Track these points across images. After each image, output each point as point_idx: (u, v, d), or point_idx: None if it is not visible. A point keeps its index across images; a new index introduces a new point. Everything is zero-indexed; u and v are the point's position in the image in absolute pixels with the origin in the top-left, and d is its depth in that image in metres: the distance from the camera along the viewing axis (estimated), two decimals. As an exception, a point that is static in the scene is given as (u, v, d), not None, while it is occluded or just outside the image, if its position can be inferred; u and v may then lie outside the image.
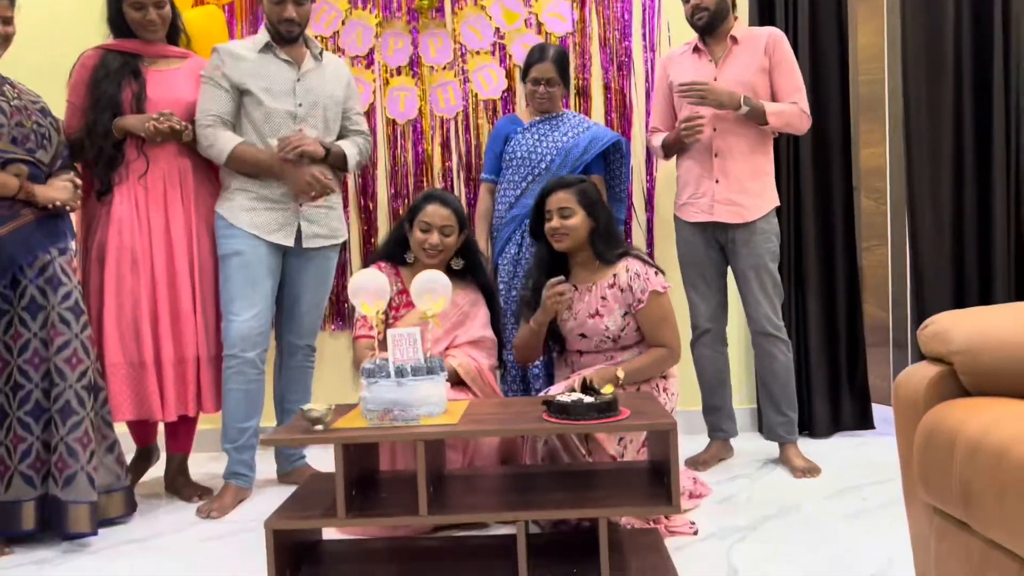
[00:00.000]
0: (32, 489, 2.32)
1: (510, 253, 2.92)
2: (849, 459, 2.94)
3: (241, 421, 2.64)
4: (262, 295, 2.63)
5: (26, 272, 2.31)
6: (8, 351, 2.32)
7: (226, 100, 2.62)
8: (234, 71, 2.62)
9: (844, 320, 3.31)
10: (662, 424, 1.83)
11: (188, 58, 2.75)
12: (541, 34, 3.31)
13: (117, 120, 2.56)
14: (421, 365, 1.96)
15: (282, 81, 2.66)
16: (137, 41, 2.65)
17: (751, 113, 2.67)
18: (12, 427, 2.31)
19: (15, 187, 2.29)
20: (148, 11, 2.60)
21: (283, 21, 2.63)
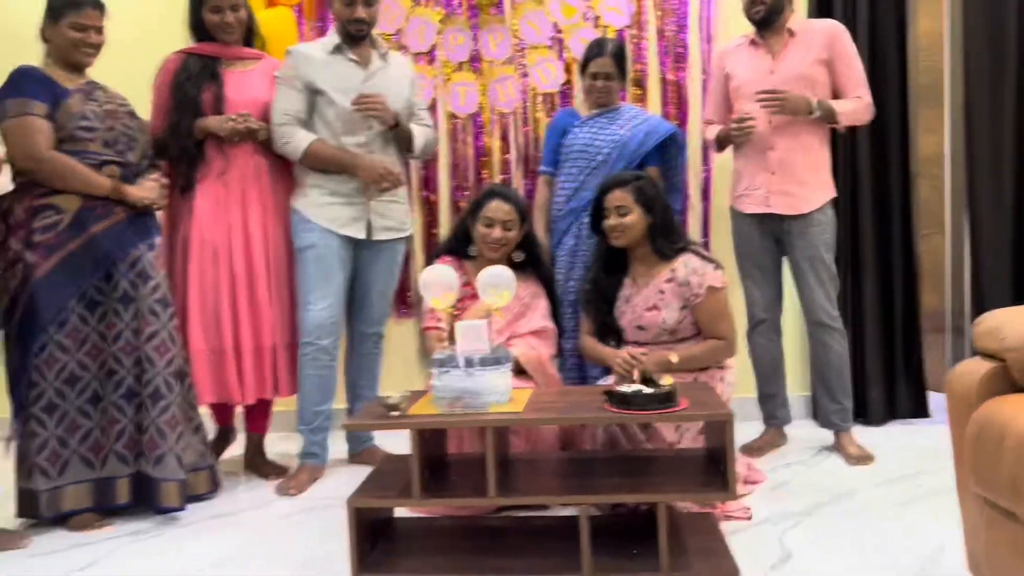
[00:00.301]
0: (125, 467, 2.51)
1: (568, 244, 3.01)
2: (903, 447, 2.98)
3: (316, 404, 2.80)
4: (335, 286, 2.78)
5: (119, 266, 2.48)
6: (103, 340, 2.49)
7: (300, 100, 2.76)
8: (307, 72, 2.75)
9: (900, 308, 3.34)
10: (719, 415, 1.92)
11: (262, 59, 2.89)
12: (598, 27, 3.38)
13: (198, 121, 2.72)
14: (488, 356, 2.07)
15: (351, 80, 2.78)
16: (216, 44, 2.80)
17: (823, 116, 2.72)
18: (107, 410, 2.49)
19: (109, 187, 2.46)
20: (225, 14, 2.75)
21: (352, 21, 2.74)
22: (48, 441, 2.42)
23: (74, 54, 2.48)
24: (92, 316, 2.47)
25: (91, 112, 2.47)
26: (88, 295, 2.46)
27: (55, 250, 2.40)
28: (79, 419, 2.46)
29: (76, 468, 2.46)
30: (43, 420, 2.41)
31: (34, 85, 2.41)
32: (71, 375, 2.44)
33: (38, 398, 2.41)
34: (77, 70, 2.53)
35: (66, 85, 2.47)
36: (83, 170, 2.42)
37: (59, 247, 2.40)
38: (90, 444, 2.48)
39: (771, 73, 2.79)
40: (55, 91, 2.44)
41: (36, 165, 2.39)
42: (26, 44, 2.61)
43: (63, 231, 2.41)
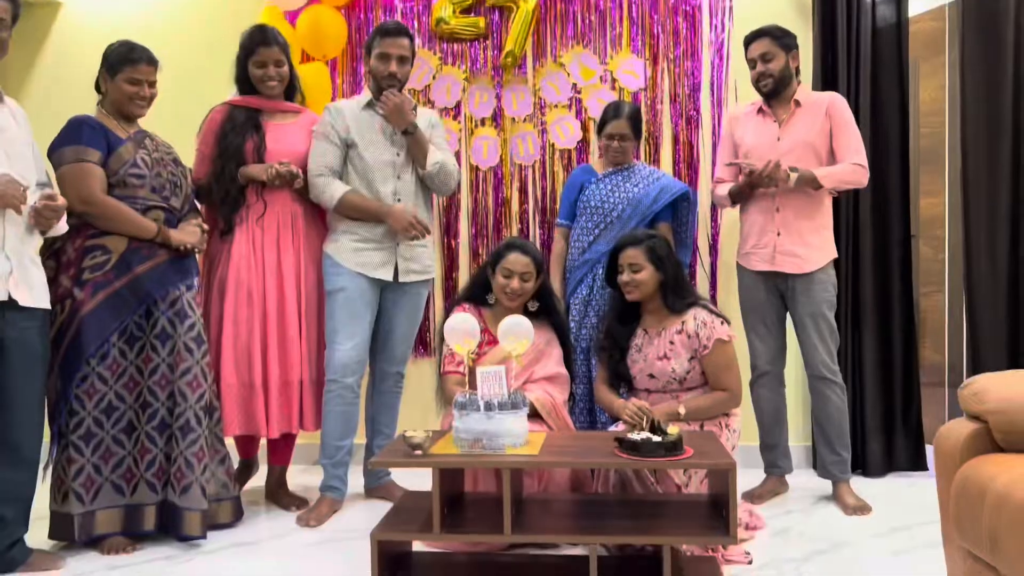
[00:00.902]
0: (154, 494, 2.64)
1: (581, 294, 3.16)
2: (900, 499, 3.09)
3: (338, 439, 2.94)
4: (362, 327, 2.94)
5: (159, 304, 2.63)
6: (140, 373, 2.64)
7: (335, 153, 2.95)
8: (342, 127, 2.95)
9: (900, 363, 3.46)
10: (723, 464, 2.05)
11: (302, 113, 3.09)
12: (615, 90, 3.57)
13: (242, 168, 2.91)
14: (507, 400, 2.22)
15: (382, 135, 2.97)
16: (259, 97, 3.00)
17: (800, 181, 2.87)
18: (140, 440, 2.63)
19: (154, 231, 2.63)
20: (269, 69, 2.95)
21: (386, 76, 2.94)
22: (84, 467, 2.56)
23: (128, 106, 2.67)
24: (131, 350, 2.63)
25: (141, 160, 2.66)
26: (128, 330, 2.61)
27: (101, 287, 2.56)
28: (113, 447, 2.60)
29: (108, 494, 2.60)
30: (80, 447, 2.56)
31: (90, 133, 2.59)
32: (108, 405, 2.59)
33: (77, 426, 2.55)
34: (129, 119, 2.72)
35: (119, 134, 2.66)
36: (132, 214, 2.60)
37: (105, 285, 2.57)
38: (122, 472, 2.62)
39: (778, 140, 2.96)
40: (109, 139, 2.62)
41: (89, 208, 2.56)
42: (81, 92, 2.81)
43: (110, 270, 2.58)
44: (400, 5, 3.64)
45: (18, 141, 2.41)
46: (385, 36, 2.93)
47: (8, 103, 2.43)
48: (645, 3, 3.56)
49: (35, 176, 2.46)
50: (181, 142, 2.93)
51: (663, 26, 3.56)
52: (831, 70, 3.41)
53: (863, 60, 3.38)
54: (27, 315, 2.38)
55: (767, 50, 2.94)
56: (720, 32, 3.54)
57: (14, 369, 2.36)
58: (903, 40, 3.40)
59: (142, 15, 3.76)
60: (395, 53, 2.93)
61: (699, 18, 3.55)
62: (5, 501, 2.36)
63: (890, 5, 3.41)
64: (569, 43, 3.60)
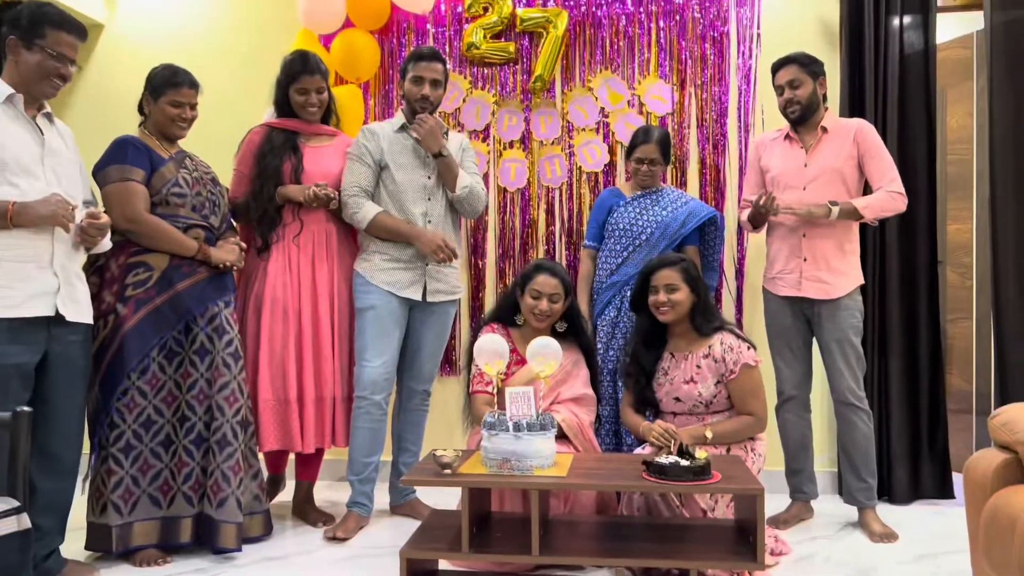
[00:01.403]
0: (190, 507, 2.69)
1: (609, 316, 3.19)
2: (927, 527, 3.07)
3: (366, 456, 2.98)
4: (391, 344, 2.98)
5: (198, 321, 2.70)
6: (178, 387, 2.70)
7: (368, 174, 3.01)
8: (376, 149, 3.01)
9: (926, 389, 3.44)
10: (751, 490, 2.07)
11: (337, 136, 3.17)
12: (642, 114, 3.61)
13: (280, 188, 2.98)
14: (535, 421, 2.25)
15: (414, 157, 3.03)
16: (297, 120, 3.07)
17: (843, 215, 2.89)
18: (178, 453, 2.69)
19: (195, 249, 2.70)
20: (311, 96, 3.03)
21: (419, 99, 3.01)
22: (123, 479, 2.62)
23: (170, 128, 2.75)
24: (170, 365, 2.69)
25: (182, 179, 2.73)
26: (168, 345, 2.68)
27: (144, 304, 2.63)
28: (151, 460, 2.66)
29: (145, 506, 2.65)
30: (120, 460, 2.61)
31: (134, 153, 2.67)
32: (148, 419, 2.65)
33: (117, 439, 2.61)
34: (170, 140, 2.80)
35: (161, 154, 2.74)
36: (174, 232, 2.67)
37: (147, 301, 2.64)
38: (159, 484, 2.67)
39: (805, 167, 2.98)
40: (152, 159, 2.70)
41: (133, 226, 2.64)
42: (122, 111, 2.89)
43: (152, 287, 2.65)
44: (432, 30, 3.72)
45: (67, 161, 2.49)
46: (420, 60, 3.00)
47: (57, 124, 2.51)
48: (673, 29, 3.61)
49: (81, 195, 2.53)
50: (218, 161, 3.01)
51: (691, 52, 3.60)
52: (858, 96, 3.43)
53: (890, 86, 3.39)
54: (71, 330, 2.44)
55: (795, 77, 2.97)
56: (747, 58, 3.58)
57: (58, 382, 2.43)
58: (931, 67, 3.41)
59: (181, 36, 3.87)
60: (429, 76, 2.99)
61: (727, 44, 3.59)
62: (44, 511, 2.41)
63: (918, 32, 3.43)
64: (597, 68, 3.65)
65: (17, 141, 2.33)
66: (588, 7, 3.64)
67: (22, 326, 2.30)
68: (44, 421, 2.41)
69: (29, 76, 2.36)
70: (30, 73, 2.36)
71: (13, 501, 1.84)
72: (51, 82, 2.39)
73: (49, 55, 2.36)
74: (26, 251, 2.32)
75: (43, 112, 2.45)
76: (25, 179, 2.32)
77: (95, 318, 2.58)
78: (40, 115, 2.43)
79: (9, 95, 2.34)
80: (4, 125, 2.31)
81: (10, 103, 2.35)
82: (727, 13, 3.59)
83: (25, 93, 2.37)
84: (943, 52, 3.66)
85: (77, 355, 2.48)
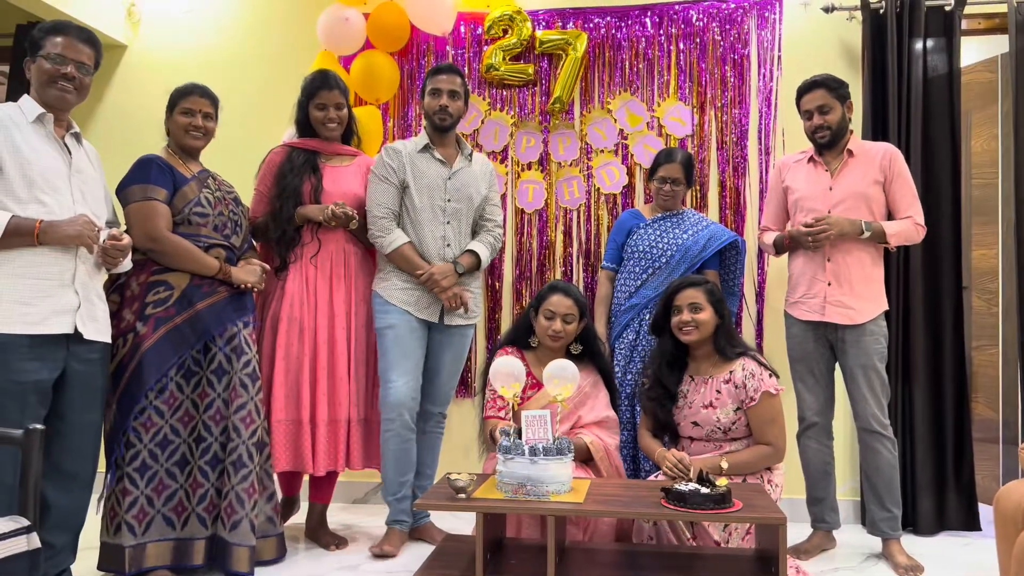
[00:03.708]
0: (204, 529, 2.66)
1: (627, 339, 3.15)
2: (954, 559, 2.98)
3: (400, 476, 2.95)
4: (414, 363, 2.96)
5: (216, 341, 2.68)
6: (195, 407, 2.68)
7: (393, 194, 3.01)
8: (400, 168, 3.01)
9: (951, 418, 3.36)
10: (774, 519, 2.01)
11: (358, 156, 3.17)
12: (662, 136, 3.59)
13: (299, 208, 2.97)
14: (551, 446, 2.21)
15: (435, 178, 3.02)
16: (317, 140, 3.08)
17: (872, 237, 2.86)
18: (193, 473, 2.66)
19: (215, 268, 2.69)
20: (329, 111, 3.04)
21: (437, 111, 3.01)
22: (138, 499, 2.59)
23: (184, 137, 2.76)
24: (187, 385, 2.67)
25: (204, 199, 2.73)
26: (186, 365, 2.66)
27: (163, 323, 2.62)
28: (167, 480, 2.63)
29: (159, 527, 2.62)
30: (135, 479, 2.59)
31: (157, 172, 2.68)
32: (164, 438, 2.63)
33: (133, 458, 2.59)
34: (191, 156, 2.81)
35: (184, 173, 2.74)
36: (196, 251, 2.67)
37: (167, 320, 2.63)
38: (173, 505, 2.64)
39: (830, 190, 2.94)
40: (175, 178, 2.71)
41: (155, 245, 2.64)
42: (143, 131, 2.92)
43: (171, 306, 2.64)
44: (452, 52, 3.73)
45: (92, 180, 2.51)
46: (437, 74, 3.03)
47: (85, 144, 2.54)
48: (693, 52, 3.60)
49: (105, 214, 2.55)
50: (239, 181, 3.01)
51: (711, 74, 3.58)
52: (881, 119, 3.39)
53: (914, 110, 3.35)
54: (90, 348, 2.44)
55: (825, 102, 2.92)
56: (768, 80, 3.56)
57: (75, 400, 2.41)
58: (955, 90, 3.37)
59: (203, 58, 3.90)
60: (446, 88, 3.00)
61: (747, 66, 3.57)
62: (56, 529, 2.39)
63: (942, 55, 3.39)
64: (617, 90, 3.64)
65: (45, 159, 2.35)
66: (608, 29, 3.64)
67: (42, 343, 2.30)
68: (60, 438, 2.40)
69: (37, 86, 2.39)
70: (37, 82, 2.39)
71: (23, 520, 1.82)
72: (56, 85, 2.39)
73: (46, 58, 2.38)
74: (49, 268, 2.32)
75: (71, 132, 2.47)
76: (52, 196, 2.34)
77: (114, 336, 2.58)
78: (68, 135, 2.46)
79: (40, 114, 2.37)
80: (33, 143, 2.34)
81: (39, 122, 2.38)
82: (748, 35, 3.57)
83: (44, 107, 2.39)
84: (967, 75, 3.63)
85: (95, 373, 2.47)
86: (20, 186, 2.29)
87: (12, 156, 2.29)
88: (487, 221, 3.16)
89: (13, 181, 2.29)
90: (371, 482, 3.69)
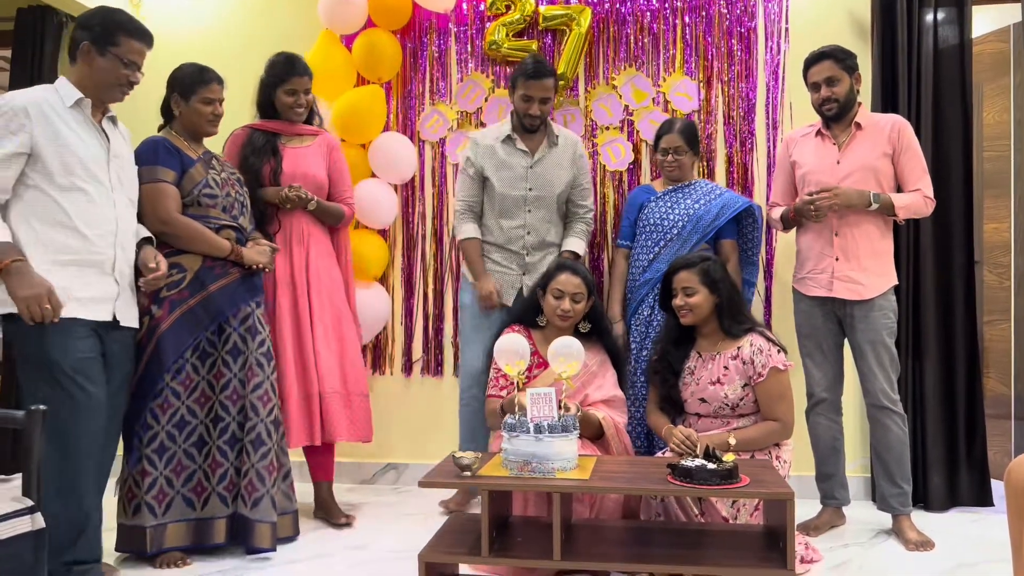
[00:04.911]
0: (225, 507, 2.69)
1: (643, 315, 3.11)
2: (966, 535, 2.96)
3: (468, 442, 3.17)
4: (484, 337, 3.07)
5: (231, 321, 2.70)
6: (211, 388, 2.70)
7: (473, 186, 3.18)
8: (479, 160, 3.13)
9: (963, 393, 3.33)
10: (781, 494, 1.99)
11: (319, 135, 3.17)
12: (668, 112, 3.54)
13: (260, 191, 2.99)
14: (557, 423, 2.19)
15: (517, 168, 3.13)
16: (279, 122, 3.09)
17: (881, 208, 2.82)
18: (212, 453, 2.69)
19: (228, 250, 2.70)
20: (299, 97, 3.06)
21: (527, 116, 3.12)
22: (157, 480, 2.62)
23: (203, 125, 2.76)
24: (203, 366, 2.69)
25: (212, 180, 2.73)
26: (201, 347, 2.68)
27: (178, 305, 2.64)
28: (185, 461, 2.66)
29: (179, 507, 2.65)
30: (154, 460, 2.61)
31: (165, 154, 2.67)
32: (181, 419, 2.65)
33: (152, 440, 2.62)
34: (198, 139, 2.80)
35: (190, 154, 2.74)
36: (208, 233, 2.68)
37: (181, 303, 2.65)
38: (192, 485, 2.67)
39: (837, 164, 2.90)
40: (182, 160, 2.70)
41: (167, 228, 2.64)
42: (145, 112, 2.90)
43: (185, 288, 2.66)
44: (454, 29, 3.69)
45: (128, 165, 2.54)
46: (531, 78, 3.09)
47: (120, 127, 2.56)
48: (699, 25, 3.54)
49: (135, 195, 2.58)
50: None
51: (717, 48, 3.53)
52: (891, 92, 3.33)
53: (924, 82, 3.29)
54: (123, 334, 2.50)
55: (832, 74, 2.87)
56: (776, 53, 3.50)
57: (110, 383, 2.44)
58: (966, 61, 3.31)
59: (202, 37, 3.87)
60: (538, 96, 3.11)
61: (754, 39, 3.51)
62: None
63: (953, 26, 3.33)
64: (621, 65, 3.59)
65: (84, 145, 2.36)
66: (612, 4, 3.58)
67: (89, 326, 2.36)
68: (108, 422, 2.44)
69: (101, 82, 2.41)
70: (103, 79, 2.40)
71: (27, 500, 1.83)
72: (121, 88, 2.45)
73: (122, 63, 2.41)
74: (93, 256, 2.36)
75: (108, 116, 2.49)
76: (92, 184, 2.36)
77: None
78: (105, 119, 2.47)
79: (78, 99, 2.37)
80: (74, 128, 2.35)
81: (77, 107, 2.38)
82: (754, 8, 3.51)
83: (94, 98, 2.41)
84: (979, 46, 3.56)
85: (126, 359, 2.53)
86: (60, 173, 2.31)
87: (52, 143, 2.30)
88: (578, 207, 3.25)
89: (53, 169, 2.30)
90: (379, 463, 3.69)
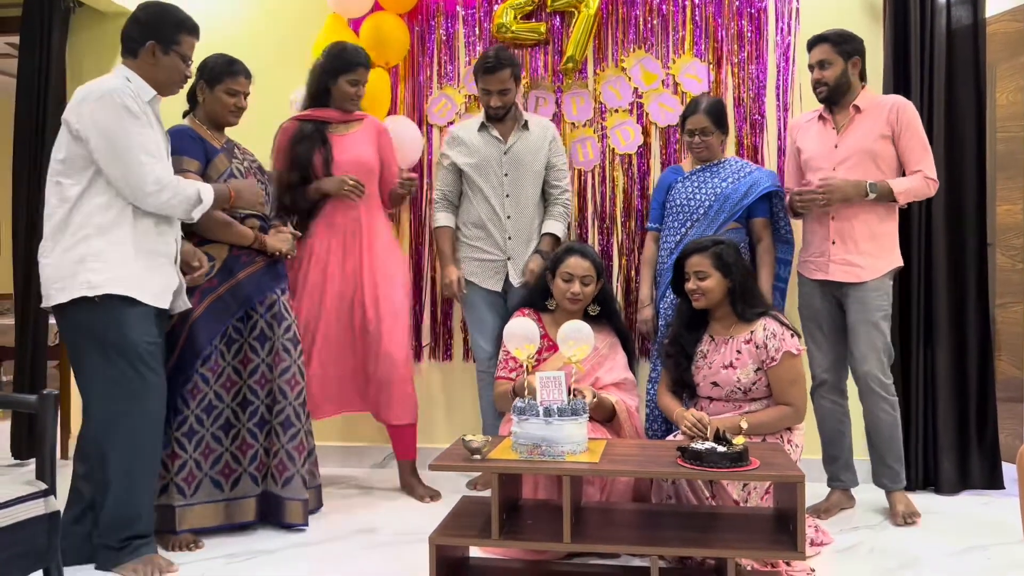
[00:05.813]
0: (256, 487, 2.77)
1: (670, 298, 3.05)
2: (976, 518, 2.96)
3: (491, 419, 3.22)
4: (488, 326, 3.21)
5: (257, 308, 2.75)
6: (238, 373, 2.76)
7: (448, 177, 3.24)
8: (454, 152, 3.17)
9: (975, 376, 3.31)
10: (791, 477, 1.99)
11: (365, 119, 3.19)
12: (677, 94, 3.52)
13: (316, 183, 3.04)
14: (566, 407, 2.19)
15: (491, 155, 3.16)
16: (327, 110, 3.10)
17: (879, 197, 2.80)
18: (241, 436, 2.76)
19: (252, 238, 2.74)
20: (360, 88, 3.09)
21: (489, 107, 3.20)
22: (186, 463, 2.67)
23: (226, 116, 2.79)
24: (229, 352, 2.74)
25: (236, 169, 2.76)
26: (228, 333, 2.74)
27: (208, 293, 2.69)
28: (213, 444, 2.72)
29: (207, 489, 2.71)
30: (184, 444, 2.67)
31: (189, 144, 2.69)
32: (209, 404, 2.71)
33: (181, 424, 2.67)
34: (219, 128, 2.82)
35: (214, 144, 2.76)
36: (233, 222, 2.71)
37: (211, 291, 2.69)
38: (220, 468, 2.73)
39: (835, 148, 2.88)
40: (206, 149, 2.73)
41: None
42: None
43: (214, 276, 2.70)
44: (462, 12, 3.66)
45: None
46: (484, 74, 3.14)
47: None
48: (709, 6, 3.51)
49: None
50: (250, 144, 2.99)
51: (727, 29, 3.49)
52: (903, 73, 3.29)
53: (937, 62, 3.26)
54: (166, 321, 2.57)
55: (825, 57, 2.86)
56: (786, 35, 3.46)
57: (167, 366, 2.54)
58: (980, 41, 3.26)
59: (210, 22, 3.79)
60: (495, 89, 3.14)
61: (764, 20, 3.48)
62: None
63: (966, 5, 3.28)
64: (631, 47, 3.56)
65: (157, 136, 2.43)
66: (621, -15, 3.55)
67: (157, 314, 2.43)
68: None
69: (167, 80, 2.46)
70: (169, 78, 2.46)
71: (41, 484, 1.84)
72: (181, 85, 2.51)
73: (183, 60, 2.46)
74: (165, 248, 2.44)
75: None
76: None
77: None
78: None
79: (153, 97, 2.43)
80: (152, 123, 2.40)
81: (150, 104, 2.42)
82: (765, -13, 3.47)
83: (157, 93, 2.45)
84: (992, 25, 3.51)
85: (166, 346, 2.59)
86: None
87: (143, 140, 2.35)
88: (553, 188, 3.27)
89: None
90: (390, 447, 3.69)
